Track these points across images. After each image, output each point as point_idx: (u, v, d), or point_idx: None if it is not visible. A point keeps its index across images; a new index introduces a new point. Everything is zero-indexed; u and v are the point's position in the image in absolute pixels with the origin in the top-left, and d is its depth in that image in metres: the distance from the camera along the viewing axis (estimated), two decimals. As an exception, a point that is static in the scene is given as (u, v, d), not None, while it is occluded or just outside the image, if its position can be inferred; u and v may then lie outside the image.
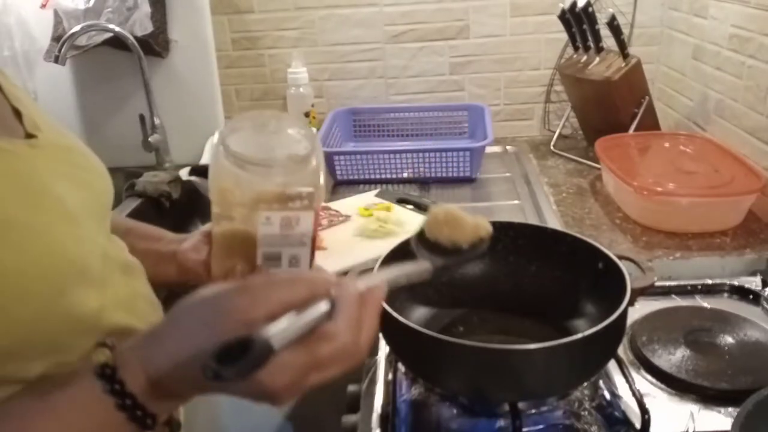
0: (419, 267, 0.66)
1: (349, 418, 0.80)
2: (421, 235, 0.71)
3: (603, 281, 0.78)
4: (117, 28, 1.37)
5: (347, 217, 1.15)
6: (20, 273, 0.42)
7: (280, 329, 0.42)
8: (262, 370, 0.40)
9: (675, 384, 0.79)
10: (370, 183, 1.40)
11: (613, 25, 1.33)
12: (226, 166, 0.57)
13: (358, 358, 0.46)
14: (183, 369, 0.43)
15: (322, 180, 0.59)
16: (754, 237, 1.09)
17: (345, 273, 0.67)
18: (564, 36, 1.49)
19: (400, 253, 0.83)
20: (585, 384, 0.77)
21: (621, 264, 0.76)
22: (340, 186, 1.42)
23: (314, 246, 0.61)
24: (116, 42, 1.41)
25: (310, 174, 0.58)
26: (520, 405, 0.71)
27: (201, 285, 0.51)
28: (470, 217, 0.71)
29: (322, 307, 0.46)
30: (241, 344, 0.40)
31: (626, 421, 0.73)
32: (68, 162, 0.54)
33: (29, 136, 0.51)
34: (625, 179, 1.14)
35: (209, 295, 0.46)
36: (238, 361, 0.39)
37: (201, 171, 1.38)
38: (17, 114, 0.53)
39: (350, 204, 1.21)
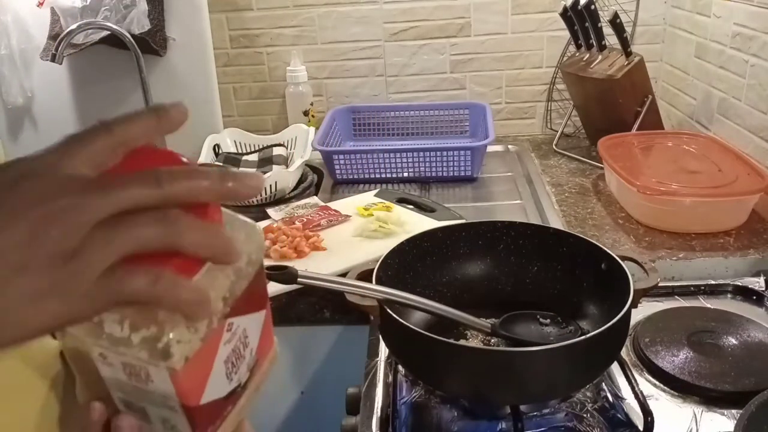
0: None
1: (349, 421, 0.79)
2: None
3: (606, 282, 0.77)
4: (114, 26, 1.36)
5: (347, 217, 1.14)
6: None
7: None
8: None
9: (678, 386, 0.78)
10: (369, 182, 1.39)
11: (616, 23, 1.32)
12: None
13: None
14: None
15: (216, 306, 0.34)
16: (758, 237, 1.08)
17: (344, 274, 0.67)
18: (566, 34, 1.48)
19: (400, 254, 0.82)
20: (587, 386, 0.76)
21: (624, 265, 0.75)
22: (340, 185, 1.41)
23: (211, 414, 0.37)
24: (113, 40, 1.40)
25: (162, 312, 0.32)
26: (522, 407, 0.70)
27: None
28: None
29: None
30: None
31: (629, 424, 0.72)
32: None
33: None
34: (628, 179, 1.13)
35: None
36: None
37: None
38: None
39: (350, 204, 1.20)
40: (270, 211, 1.18)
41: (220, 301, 0.34)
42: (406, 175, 1.39)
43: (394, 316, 0.68)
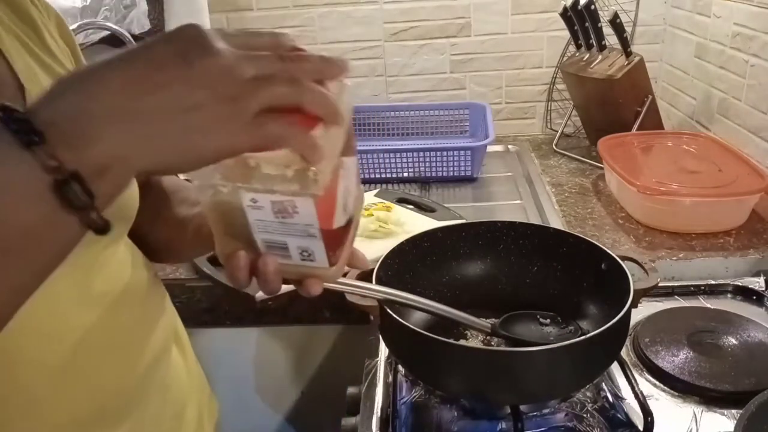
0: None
1: (349, 421, 0.79)
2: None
3: (606, 282, 0.77)
4: (114, 27, 1.36)
5: (347, 217, 1.14)
6: None
7: None
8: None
9: (678, 386, 0.78)
10: (369, 182, 1.39)
11: (616, 23, 1.32)
12: None
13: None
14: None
15: (335, 149, 0.42)
16: (758, 237, 1.08)
17: (344, 274, 0.66)
18: (566, 34, 1.48)
19: (400, 254, 0.82)
20: (587, 386, 0.76)
21: (624, 265, 0.75)
22: (340, 185, 1.41)
23: (338, 238, 0.47)
24: (113, 40, 1.39)
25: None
26: (522, 407, 0.70)
27: None
28: None
29: None
30: None
31: (629, 424, 0.73)
32: None
33: None
34: (628, 179, 1.13)
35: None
36: None
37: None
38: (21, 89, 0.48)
39: (350, 203, 1.20)
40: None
41: (342, 138, 0.43)
42: (406, 175, 1.39)
43: (394, 316, 0.68)
